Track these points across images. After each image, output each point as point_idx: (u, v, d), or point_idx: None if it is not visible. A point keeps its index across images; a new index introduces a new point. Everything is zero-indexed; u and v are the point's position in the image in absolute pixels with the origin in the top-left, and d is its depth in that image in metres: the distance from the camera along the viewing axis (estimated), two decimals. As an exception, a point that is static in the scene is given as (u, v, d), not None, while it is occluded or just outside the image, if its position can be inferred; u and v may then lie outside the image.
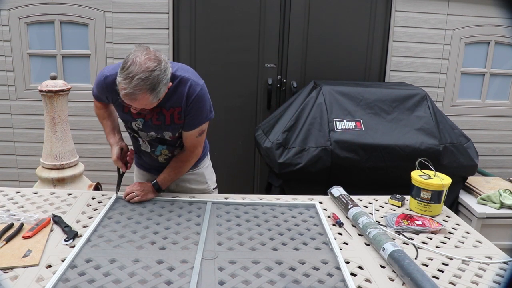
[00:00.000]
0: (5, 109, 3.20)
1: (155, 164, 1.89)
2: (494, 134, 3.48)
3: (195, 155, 1.84)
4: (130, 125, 1.75)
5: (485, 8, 3.23)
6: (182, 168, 1.84)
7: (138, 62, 1.43)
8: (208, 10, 3.16)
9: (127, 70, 1.42)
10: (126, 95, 1.44)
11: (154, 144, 1.80)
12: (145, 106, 1.52)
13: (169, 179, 1.83)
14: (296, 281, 1.26)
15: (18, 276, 1.22)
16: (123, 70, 1.44)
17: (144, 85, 1.42)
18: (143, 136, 1.78)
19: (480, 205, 2.77)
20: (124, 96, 1.45)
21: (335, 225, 1.65)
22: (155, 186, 1.80)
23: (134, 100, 1.46)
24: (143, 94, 1.44)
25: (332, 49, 3.28)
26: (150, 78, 1.42)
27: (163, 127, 1.70)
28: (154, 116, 1.67)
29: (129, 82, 1.41)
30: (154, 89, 1.45)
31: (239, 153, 3.44)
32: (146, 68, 1.42)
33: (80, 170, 2.56)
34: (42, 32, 3.11)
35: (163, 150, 1.81)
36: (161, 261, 1.33)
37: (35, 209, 1.66)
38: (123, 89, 1.43)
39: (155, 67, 1.44)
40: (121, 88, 1.44)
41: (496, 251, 1.51)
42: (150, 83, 1.43)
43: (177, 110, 1.66)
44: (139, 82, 1.41)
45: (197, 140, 1.77)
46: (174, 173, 1.83)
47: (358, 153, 2.53)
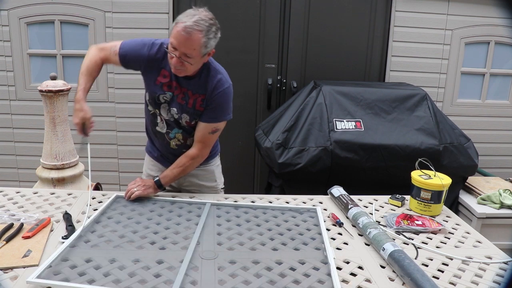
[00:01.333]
0: (5, 109, 3.20)
1: (166, 150, 1.92)
2: (494, 134, 3.48)
3: (202, 155, 1.84)
4: (158, 99, 1.76)
5: (485, 8, 3.23)
6: (187, 167, 1.84)
7: (200, 10, 1.59)
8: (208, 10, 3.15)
9: (190, 12, 1.57)
10: (184, 28, 1.52)
11: (171, 125, 1.82)
12: (189, 50, 1.56)
13: (171, 176, 1.83)
14: (296, 281, 1.26)
15: (18, 276, 1.22)
16: (184, 13, 1.58)
17: (203, 24, 1.54)
18: (164, 114, 1.79)
19: (480, 205, 2.77)
20: (181, 29, 1.52)
21: (335, 225, 1.65)
22: (157, 182, 1.81)
23: (189, 36, 1.52)
24: (198, 32, 1.54)
25: (332, 49, 3.28)
26: (208, 22, 1.57)
27: (184, 108, 1.76)
28: (180, 94, 1.74)
29: (191, 18, 1.54)
30: (208, 34, 1.56)
31: (239, 153, 3.44)
32: (206, 15, 1.58)
33: (80, 170, 2.56)
34: (42, 32, 3.11)
35: (178, 134, 1.84)
36: (161, 261, 1.33)
37: (35, 209, 1.66)
38: (183, 22, 1.53)
39: (212, 20, 1.60)
40: (181, 22, 1.53)
41: (496, 251, 1.51)
42: (208, 26, 1.56)
43: (201, 97, 1.73)
44: (199, 20, 1.54)
45: (208, 137, 1.80)
46: (177, 171, 1.83)
47: (358, 153, 2.53)
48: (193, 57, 1.58)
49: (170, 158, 1.91)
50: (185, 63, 1.60)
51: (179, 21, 1.55)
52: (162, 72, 1.74)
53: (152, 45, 1.72)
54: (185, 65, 1.61)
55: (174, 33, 1.56)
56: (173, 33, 1.57)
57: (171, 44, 1.59)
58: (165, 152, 1.94)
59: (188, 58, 1.58)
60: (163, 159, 1.96)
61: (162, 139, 1.89)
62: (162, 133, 1.86)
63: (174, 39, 1.56)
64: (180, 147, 1.87)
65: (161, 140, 1.90)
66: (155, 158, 2.01)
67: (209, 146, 1.85)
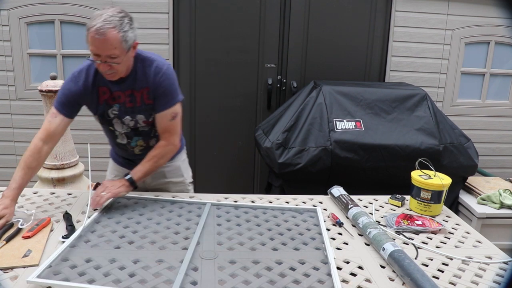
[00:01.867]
0: (5, 109, 3.20)
1: (132, 157, 1.88)
2: (494, 134, 3.48)
3: (172, 144, 1.78)
4: (107, 115, 1.73)
5: (485, 8, 3.23)
6: (159, 158, 1.76)
7: (106, 8, 1.54)
8: (208, 10, 3.16)
9: (97, 13, 1.51)
10: (96, 30, 1.47)
11: (130, 135, 1.79)
12: (110, 50, 1.50)
13: (144, 171, 1.73)
14: (296, 281, 1.26)
15: (18, 276, 1.21)
16: (91, 18, 1.51)
17: (113, 20, 1.49)
18: (118, 129, 1.76)
19: (480, 205, 2.78)
20: (94, 33, 1.47)
21: (335, 225, 1.65)
22: (129, 180, 1.70)
23: (104, 37, 1.47)
24: (112, 29, 1.48)
25: (332, 49, 3.28)
26: (118, 16, 1.51)
27: (135, 110, 1.71)
28: (127, 99, 1.69)
29: (99, 18, 1.48)
30: (122, 27, 1.51)
31: (239, 153, 3.44)
32: (114, 10, 1.53)
33: (80, 170, 2.56)
34: (42, 32, 3.11)
35: (139, 141, 1.81)
36: (161, 261, 1.33)
37: (35, 209, 1.66)
38: (93, 26, 1.47)
39: (122, 13, 1.54)
40: (91, 27, 1.48)
41: (496, 251, 1.51)
42: (119, 19, 1.51)
43: (145, 90, 1.68)
44: (108, 17, 1.49)
45: (170, 124, 1.75)
46: (148, 165, 1.73)
47: (358, 153, 2.53)
48: (117, 56, 1.53)
49: (137, 162, 1.82)
50: (113, 65, 1.55)
51: (89, 26, 1.49)
52: (101, 90, 1.69)
53: (77, 75, 1.67)
54: (114, 67, 1.56)
55: (89, 40, 1.51)
56: (88, 40, 1.51)
57: (92, 52, 1.53)
58: (131, 158, 1.89)
59: (113, 59, 1.53)
60: (129, 165, 1.88)
61: (125, 149, 1.86)
62: (123, 144, 1.83)
63: (91, 46, 1.51)
64: (145, 151, 1.81)
65: (124, 149, 1.87)
66: (121, 164, 1.97)
67: (177, 133, 1.79)
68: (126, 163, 1.93)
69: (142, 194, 1.85)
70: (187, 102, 3.32)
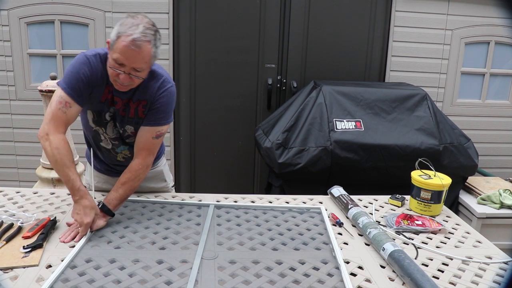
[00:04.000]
0: (5, 109, 3.20)
1: (112, 162, 1.80)
2: (494, 134, 3.48)
3: (147, 164, 1.64)
4: (104, 117, 1.62)
5: (485, 8, 3.23)
6: (133, 183, 1.61)
7: (140, 17, 1.44)
8: (208, 10, 3.16)
9: (131, 21, 1.41)
10: (133, 41, 1.38)
11: (117, 142, 1.70)
12: (140, 64, 1.43)
13: (119, 198, 1.57)
14: (296, 281, 1.26)
15: (18, 276, 1.22)
16: (123, 24, 1.41)
17: (149, 34, 1.42)
18: (109, 132, 1.66)
19: (480, 205, 2.78)
20: (129, 43, 1.38)
21: (335, 225, 1.65)
22: (103, 208, 1.53)
23: (139, 50, 1.40)
24: (147, 43, 1.42)
25: (332, 49, 3.28)
26: (153, 30, 1.44)
27: (125, 120, 1.63)
28: (121, 107, 1.61)
29: (136, 28, 1.39)
30: (155, 43, 1.45)
31: (239, 153, 3.44)
32: (148, 22, 1.44)
33: (80, 170, 2.56)
34: (42, 32, 3.11)
35: (124, 150, 1.73)
36: (161, 261, 1.33)
37: (35, 209, 1.66)
38: (129, 35, 1.38)
39: (155, 27, 1.47)
40: (126, 35, 1.38)
41: (496, 251, 1.51)
42: (154, 34, 1.44)
43: (142, 103, 1.60)
44: (145, 30, 1.41)
45: (152, 142, 1.63)
46: (123, 191, 1.58)
47: (358, 153, 2.53)
48: (143, 70, 1.46)
49: (117, 169, 1.77)
50: (133, 78, 1.46)
51: (123, 33, 1.39)
52: (107, 88, 1.57)
53: (93, 59, 1.51)
54: (134, 80, 1.47)
55: (119, 48, 1.39)
56: (117, 48, 1.40)
57: (115, 61, 1.42)
58: (111, 164, 1.81)
59: (138, 72, 1.45)
60: (109, 172, 1.83)
61: (107, 153, 1.75)
62: (107, 148, 1.73)
63: (121, 55, 1.40)
64: (127, 159, 1.72)
65: (107, 153, 1.76)
66: (100, 170, 1.85)
67: (154, 154, 1.67)
68: (105, 169, 1.84)
69: (141, 195, 1.85)
70: (187, 102, 3.32)
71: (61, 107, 1.49)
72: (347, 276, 1.27)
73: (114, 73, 1.46)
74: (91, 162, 1.77)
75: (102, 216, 1.54)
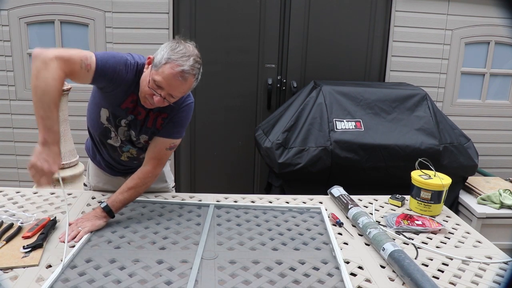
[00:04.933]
0: (5, 109, 3.20)
1: (114, 161, 1.78)
2: (494, 134, 3.48)
3: (155, 174, 1.66)
4: (119, 122, 1.60)
5: (485, 8, 3.23)
6: (140, 188, 1.63)
7: (191, 47, 1.45)
8: (208, 10, 3.16)
9: (183, 51, 1.41)
10: (182, 73, 1.39)
11: (125, 142, 1.69)
12: (179, 94, 1.46)
13: (123, 201, 1.59)
14: (296, 281, 1.26)
15: (18, 276, 1.22)
16: (175, 50, 1.41)
17: (195, 67, 1.43)
18: (120, 135, 1.64)
19: (480, 205, 2.78)
20: (178, 74, 1.38)
21: (335, 225, 1.65)
22: (105, 209, 1.54)
23: (184, 82, 1.41)
24: (192, 77, 1.43)
25: (332, 49, 3.28)
26: (200, 64, 1.46)
27: (143, 129, 1.63)
28: (142, 116, 1.61)
29: (187, 60, 1.40)
30: (197, 78, 1.47)
31: (239, 153, 3.44)
32: (197, 55, 1.45)
33: (80, 170, 2.57)
34: (42, 32, 3.11)
35: (132, 150, 1.71)
36: (161, 261, 1.33)
37: (35, 209, 1.66)
38: (180, 66, 1.38)
39: (200, 60, 1.47)
40: (177, 64, 1.38)
41: (496, 251, 1.51)
42: (198, 69, 1.46)
43: (162, 115, 1.61)
44: (194, 64, 1.42)
45: (165, 153, 1.65)
46: (129, 194, 1.60)
47: (358, 153, 2.53)
48: (177, 98, 1.48)
49: (119, 168, 1.80)
50: (165, 102, 1.46)
51: (173, 61, 1.39)
52: (131, 97, 1.55)
53: (130, 66, 1.50)
54: (165, 103, 1.47)
55: (165, 74, 1.39)
56: (163, 72, 1.39)
57: (156, 82, 1.41)
58: (113, 163, 1.80)
59: (173, 99, 1.47)
60: (110, 170, 1.84)
61: (113, 151, 1.73)
62: (114, 146, 1.70)
63: (164, 81, 1.40)
64: (131, 160, 1.75)
65: (112, 151, 1.73)
66: (101, 167, 1.86)
67: (164, 164, 1.69)
68: (106, 165, 1.83)
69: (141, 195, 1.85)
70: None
71: (82, 60, 1.39)
72: (347, 276, 1.27)
73: (150, 93, 1.45)
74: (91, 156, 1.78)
75: (103, 216, 1.54)
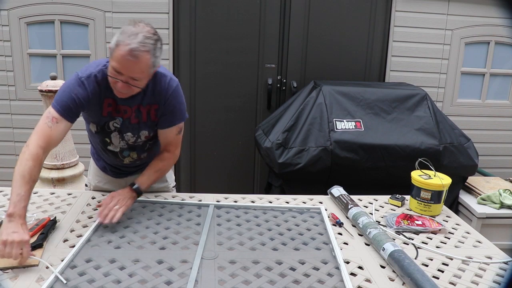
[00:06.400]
0: (5, 109, 3.20)
1: (118, 165, 1.81)
2: (494, 134, 3.49)
3: (176, 156, 1.76)
4: (108, 127, 1.63)
5: (485, 8, 3.24)
6: (164, 170, 1.75)
7: (141, 26, 1.43)
8: (208, 10, 3.16)
9: (131, 30, 1.40)
10: (130, 51, 1.37)
11: (124, 148, 1.72)
12: (138, 74, 1.44)
13: (149, 182, 1.70)
14: (296, 281, 1.26)
15: (18, 276, 1.22)
16: (123, 32, 1.41)
17: (148, 44, 1.40)
18: (115, 142, 1.67)
19: (480, 205, 2.78)
20: (126, 53, 1.37)
21: (335, 225, 1.65)
22: (136, 190, 1.65)
23: (136, 60, 1.39)
24: (146, 53, 1.40)
25: (332, 49, 3.28)
26: (153, 39, 1.43)
27: (141, 126, 1.65)
28: (132, 114, 1.62)
29: (134, 38, 1.38)
30: (155, 52, 1.44)
31: (239, 153, 3.44)
32: (149, 31, 1.43)
33: (80, 170, 2.57)
34: (42, 32, 3.11)
35: (132, 153, 1.74)
36: (161, 261, 1.33)
37: (35, 209, 1.66)
38: (127, 45, 1.37)
39: (156, 35, 1.46)
40: (124, 44, 1.38)
41: (496, 251, 1.51)
42: (154, 43, 1.43)
43: (154, 107, 1.63)
44: (144, 40, 1.40)
45: (177, 138, 1.73)
46: (155, 177, 1.71)
47: (358, 153, 2.53)
48: (140, 79, 1.46)
49: (123, 170, 1.83)
50: (132, 87, 1.47)
51: (121, 42, 1.38)
52: (106, 102, 1.58)
53: (86, 81, 1.52)
54: (132, 89, 1.47)
55: (117, 57, 1.39)
56: (115, 56, 1.40)
57: (113, 69, 1.42)
58: (116, 166, 1.83)
59: (136, 81, 1.46)
60: (113, 173, 1.86)
61: (114, 156, 1.75)
62: (115, 152, 1.73)
63: (118, 64, 1.40)
64: (134, 161, 1.78)
65: (113, 157, 1.76)
66: (104, 169, 1.89)
67: (179, 145, 1.77)
68: (110, 170, 1.86)
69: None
70: (187, 102, 3.31)
71: (47, 122, 1.50)
72: (347, 276, 1.27)
73: (113, 81, 1.47)
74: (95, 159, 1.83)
75: (133, 197, 1.64)
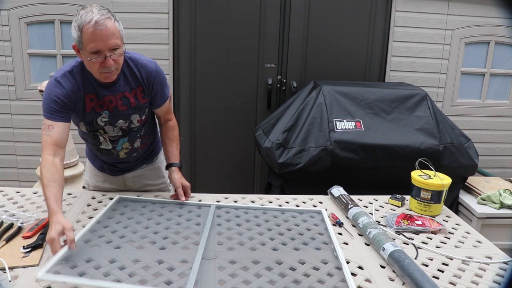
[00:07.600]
0: (5, 109, 3.20)
1: (115, 161, 1.84)
2: (494, 134, 3.49)
3: (175, 119, 1.90)
4: (96, 123, 1.65)
5: (485, 8, 3.24)
6: (177, 136, 1.89)
7: (88, 5, 1.47)
8: (208, 10, 3.16)
9: (82, 11, 1.45)
10: (96, 23, 1.41)
11: (116, 140, 1.73)
12: (114, 40, 1.47)
13: (178, 153, 1.87)
14: (296, 281, 1.26)
15: (18, 276, 1.22)
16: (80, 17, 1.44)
17: (106, 12, 1.47)
18: (109, 132, 1.69)
19: (480, 205, 2.78)
20: (94, 27, 1.41)
21: (335, 225, 1.65)
22: (180, 166, 1.85)
23: (105, 27, 1.43)
24: (109, 19, 1.46)
25: (332, 49, 3.28)
26: (106, 9, 1.49)
27: (130, 111, 1.68)
28: (119, 102, 1.64)
29: (91, 13, 1.43)
30: (116, 19, 1.50)
31: (239, 153, 3.44)
32: (98, 5, 1.49)
33: (80, 170, 2.57)
34: (42, 32, 3.11)
35: (125, 143, 1.76)
36: (161, 261, 1.33)
37: (35, 209, 1.66)
38: (89, 21, 1.42)
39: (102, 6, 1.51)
40: (87, 22, 1.42)
41: (496, 251, 1.51)
42: (109, 12, 1.49)
43: (139, 89, 1.67)
44: (100, 10, 1.46)
45: (168, 107, 1.85)
46: (177, 145, 1.87)
47: (358, 153, 2.53)
48: (119, 46, 1.49)
49: (120, 165, 1.86)
50: (117, 59, 1.50)
51: (84, 23, 1.42)
52: (87, 98, 1.60)
53: (61, 80, 1.55)
54: (117, 61, 1.51)
55: (89, 37, 1.43)
56: (86, 38, 1.43)
57: (91, 52, 1.45)
58: (113, 163, 1.86)
59: (116, 50, 1.49)
60: (110, 170, 1.89)
61: (109, 154, 1.78)
62: (108, 149, 1.76)
63: (92, 42, 1.43)
64: (130, 153, 1.80)
65: (108, 154, 1.79)
66: (101, 168, 1.91)
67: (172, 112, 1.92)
68: (107, 168, 1.88)
69: (141, 195, 1.85)
70: (187, 102, 3.32)
71: (45, 132, 1.56)
72: (350, 276, 1.27)
73: (98, 64, 1.48)
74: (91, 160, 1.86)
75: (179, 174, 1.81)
